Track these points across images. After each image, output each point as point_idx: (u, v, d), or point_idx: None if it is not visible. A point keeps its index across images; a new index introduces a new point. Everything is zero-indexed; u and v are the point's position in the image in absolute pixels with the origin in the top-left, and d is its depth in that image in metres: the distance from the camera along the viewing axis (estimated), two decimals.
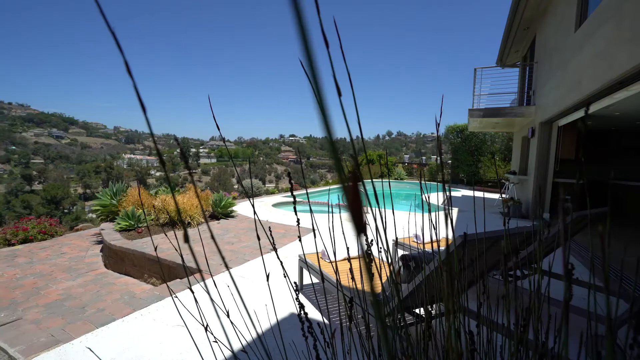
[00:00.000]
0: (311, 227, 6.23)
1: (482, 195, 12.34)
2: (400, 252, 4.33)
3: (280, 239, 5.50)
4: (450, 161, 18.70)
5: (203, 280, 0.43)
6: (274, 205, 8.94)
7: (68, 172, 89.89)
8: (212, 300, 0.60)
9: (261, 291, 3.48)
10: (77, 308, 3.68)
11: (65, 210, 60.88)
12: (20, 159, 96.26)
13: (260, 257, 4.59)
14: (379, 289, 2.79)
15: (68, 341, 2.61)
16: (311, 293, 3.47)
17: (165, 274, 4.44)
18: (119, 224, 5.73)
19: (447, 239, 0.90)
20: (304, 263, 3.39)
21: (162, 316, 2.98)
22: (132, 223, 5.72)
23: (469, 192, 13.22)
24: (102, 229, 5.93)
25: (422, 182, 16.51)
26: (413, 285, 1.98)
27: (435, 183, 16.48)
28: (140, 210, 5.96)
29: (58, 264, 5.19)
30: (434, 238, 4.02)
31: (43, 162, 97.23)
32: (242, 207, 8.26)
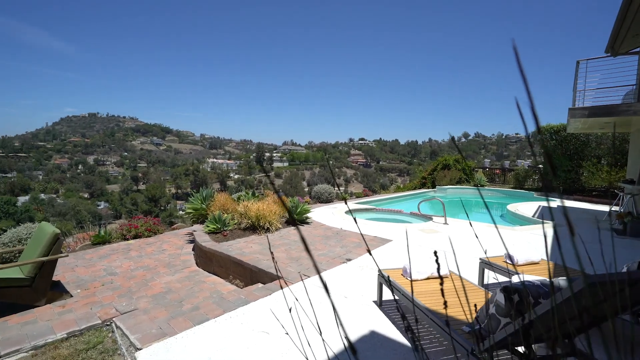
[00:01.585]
0: (386, 238, 6.07)
1: (586, 207, 10.65)
2: (490, 275, 3.93)
3: (355, 248, 5.46)
4: (541, 166, 16.54)
5: (287, 285, 0.40)
6: (347, 212, 8.95)
7: (164, 175, 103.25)
8: (306, 315, 0.58)
9: (339, 303, 3.47)
10: (176, 302, 4.14)
11: (162, 208, 69.80)
12: (130, 163, 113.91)
13: (338, 266, 4.60)
14: (471, 315, 2.56)
15: (172, 335, 2.93)
16: (392, 310, 3.35)
17: (248, 277, 4.74)
18: (208, 226, 6.34)
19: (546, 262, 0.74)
20: (383, 279, 3.28)
21: (249, 320, 3.17)
22: (219, 226, 6.27)
23: (567, 203, 11.50)
24: (194, 230, 6.62)
25: (508, 189, 14.88)
26: (521, 323, 1.75)
27: (524, 191, 14.73)
28: (226, 215, 6.51)
29: (160, 259, 5.93)
30: (533, 259, 3.55)
31: (146, 166, 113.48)
32: (316, 214, 8.44)
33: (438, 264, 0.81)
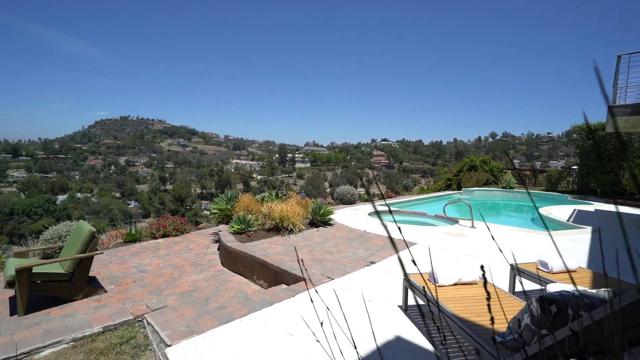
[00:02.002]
0: (411, 241, 5.96)
1: (628, 211, 10.00)
2: (524, 282, 3.75)
3: (379, 251, 5.39)
4: (576, 167, 15.68)
5: (314, 287, 0.38)
6: (370, 214, 8.86)
7: (190, 175, 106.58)
8: (333, 318, 0.56)
9: (363, 307, 3.43)
10: (202, 300, 4.25)
11: (187, 207, 71.99)
12: (158, 164, 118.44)
13: (361, 269, 4.56)
14: (500, 326, 2.45)
15: (199, 333, 3.01)
16: (417, 316, 3.27)
17: (272, 277, 4.79)
18: (233, 227, 6.47)
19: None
20: (409, 284, 3.22)
21: (273, 321, 3.20)
22: (243, 227, 6.38)
23: (605, 207, 10.84)
24: (220, 230, 6.77)
25: (539, 191, 14.20)
26: (561, 336, 1.66)
27: (558, 193, 14.03)
28: (250, 215, 6.61)
29: (187, 258, 6.11)
30: (570, 267, 3.37)
31: (173, 167, 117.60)
32: (340, 215, 8.41)
33: (484, 271, 0.81)
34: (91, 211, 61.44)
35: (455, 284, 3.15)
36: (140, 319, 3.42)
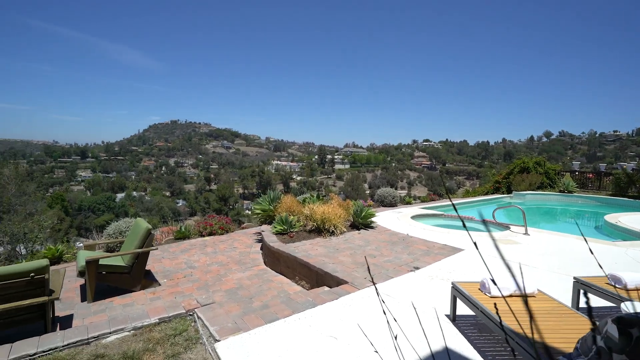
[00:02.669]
0: (456, 247, 5.68)
1: None
2: (591, 297, 3.40)
3: (423, 256, 5.20)
4: None
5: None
6: (413, 217, 8.60)
7: (233, 176, 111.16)
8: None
9: (407, 314, 3.32)
10: (246, 298, 4.39)
11: (230, 207, 75.07)
12: (204, 165, 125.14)
13: (405, 274, 4.43)
14: (566, 346, 2.24)
15: (245, 330, 3.10)
16: (467, 327, 3.10)
17: (314, 279, 4.82)
18: (275, 227, 6.61)
19: None
20: (458, 293, 3.06)
21: (317, 323, 3.20)
22: (285, 228, 6.50)
23: None
24: (262, 230, 6.96)
25: (605, 196, 12.84)
26: None
27: (628, 199, 12.59)
28: (292, 217, 6.72)
29: (232, 256, 6.35)
30: None
31: (217, 167, 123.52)
32: (381, 218, 8.25)
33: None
34: (145, 208, 66.42)
35: (511, 296, 2.94)
36: (191, 313, 3.61)
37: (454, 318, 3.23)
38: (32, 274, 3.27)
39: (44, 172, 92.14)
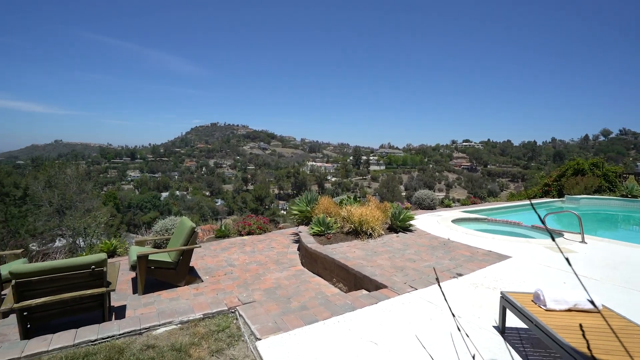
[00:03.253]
0: (503, 253, 5.35)
1: None
2: None
3: (466, 262, 4.95)
4: None
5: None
6: (454, 221, 8.24)
7: (269, 176, 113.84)
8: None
9: (451, 324, 3.17)
10: (284, 298, 4.44)
11: (266, 207, 76.87)
12: (241, 166, 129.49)
13: (447, 281, 4.25)
14: None
15: (285, 331, 3.13)
16: (518, 341, 2.90)
17: (352, 282, 4.77)
18: (312, 228, 6.64)
19: None
20: (509, 303, 2.87)
21: (356, 327, 3.16)
22: (323, 229, 6.50)
23: None
24: (300, 231, 7.02)
25: None
26: None
27: None
28: (329, 218, 6.72)
29: (270, 256, 6.48)
30: None
31: (254, 168, 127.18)
32: (420, 221, 7.99)
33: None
34: (186, 207, 70.00)
35: (569, 310, 2.70)
36: (232, 311, 3.72)
37: (502, 330, 3.03)
38: (93, 267, 3.55)
39: (99, 172, 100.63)
